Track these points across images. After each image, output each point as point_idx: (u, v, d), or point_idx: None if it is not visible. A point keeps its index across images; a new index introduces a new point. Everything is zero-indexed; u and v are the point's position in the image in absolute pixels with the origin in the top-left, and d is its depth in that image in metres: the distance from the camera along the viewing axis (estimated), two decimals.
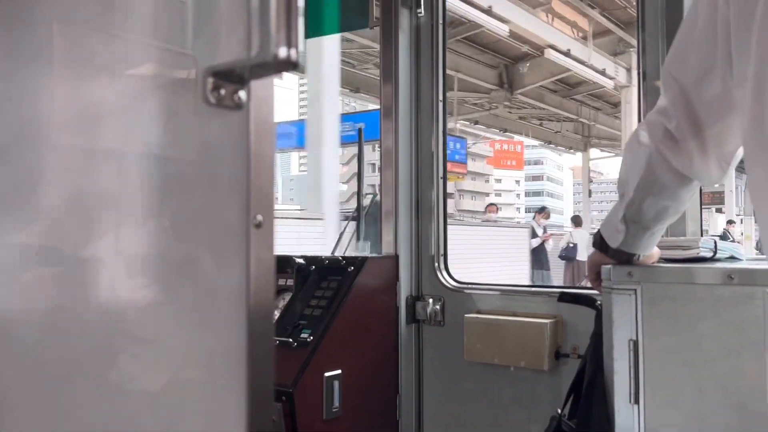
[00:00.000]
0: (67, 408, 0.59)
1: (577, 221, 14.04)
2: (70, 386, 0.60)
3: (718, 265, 1.48)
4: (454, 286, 2.31)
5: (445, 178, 2.39)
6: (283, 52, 0.60)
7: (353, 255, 2.35)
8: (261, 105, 0.67)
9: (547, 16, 12.20)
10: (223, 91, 0.63)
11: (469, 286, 2.34)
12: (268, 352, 0.69)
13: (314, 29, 2.74)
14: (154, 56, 0.70)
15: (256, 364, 0.67)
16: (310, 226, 7.75)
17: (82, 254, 0.63)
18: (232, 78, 0.64)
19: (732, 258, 1.64)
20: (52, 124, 0.61)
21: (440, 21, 2.36)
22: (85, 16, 0.64)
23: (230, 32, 0.65)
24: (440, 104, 2.36)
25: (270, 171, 0.67)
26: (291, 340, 2.00)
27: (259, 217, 0.66)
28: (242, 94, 0.65)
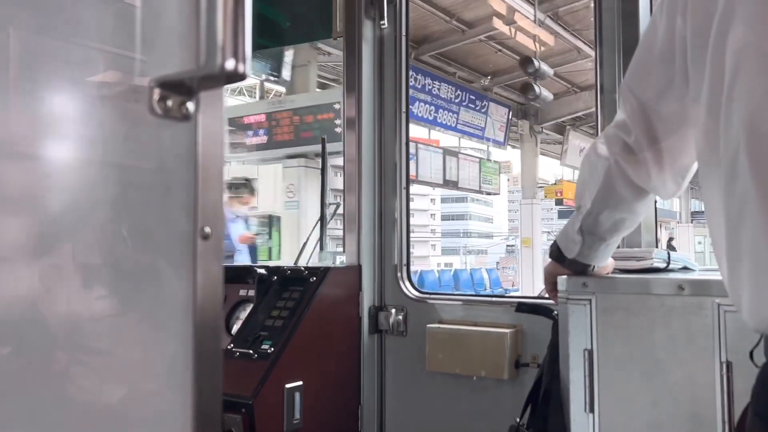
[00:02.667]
0: (15, 420, 0.58)
1: None
2: (21, 398, 0.58)
3: (671, 275, 1.51)
4: (416, 296, 2.31)
5: (408, 189, 2.41)
6: (230, 64, 0.60)
7: (316, 265, 2.34)
8: (210, 116, 0.66)
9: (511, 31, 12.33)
10: (170, 102, 0.62)
11: (432, 296, 2.34)
12: (216, 365, 0.68)
13: (277, 39, 2.73)
14: (103, 65, 0.69)
15: (202, 378, 0.66)
16: None
17: (31, 264, 0.62)
18: (179, 89, 0.63)
19: (685, 269, 1.67)
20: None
21: (403, 33, 2.37)
22: (31, 23, 0.63)
23: (179, 43, 0.65)
24: (403, 115, 2.38)
25: (219, 182, 0.67)
26: (251, 351, 1.98)
27: (207, 229, 0.66)
28: (190, 105, 0.64)
